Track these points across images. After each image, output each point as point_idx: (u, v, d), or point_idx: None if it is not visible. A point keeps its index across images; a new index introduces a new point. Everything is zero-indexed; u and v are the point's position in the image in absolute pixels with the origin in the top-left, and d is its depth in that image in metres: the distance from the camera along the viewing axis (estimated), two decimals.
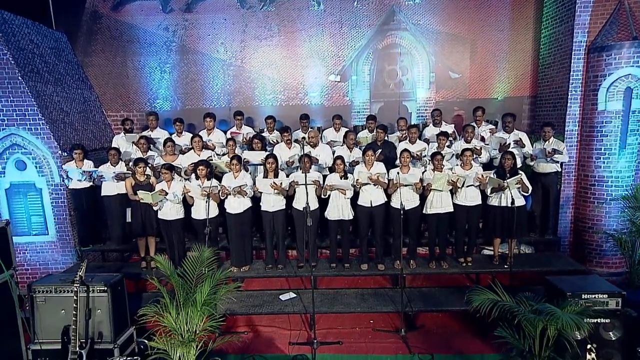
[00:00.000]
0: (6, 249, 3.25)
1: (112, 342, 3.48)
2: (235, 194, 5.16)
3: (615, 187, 5.65)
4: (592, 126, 5.76)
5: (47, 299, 3.52)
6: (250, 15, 6.99)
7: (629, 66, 5.37)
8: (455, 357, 4.22)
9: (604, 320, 3.39)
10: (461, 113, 7.02)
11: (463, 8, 6.81)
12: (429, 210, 5.26)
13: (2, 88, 5.48)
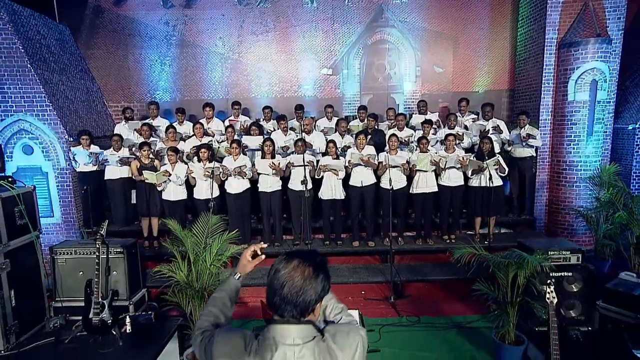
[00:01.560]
0: (32, 212, 3.55)
1: (127, 300, 3.80)
2: (235, 175, 5.52)
3: (584, 170, 6.17)
4: (562, 115, 6.28)
5: (67, 260, 3.83)
6: (247, 12, 7.40)
7: (594, 60, 5.92)
8: (440, 319, 4.62)
9: (567, 274, 3.85)
10: (446, 105, 7.51)
11: (446, 7, 7.34)
12: (415, 190, 5.69)
13: (12, 75, 5.75)
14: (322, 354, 1.23)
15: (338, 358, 1.24)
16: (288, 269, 1.26)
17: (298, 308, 1.23)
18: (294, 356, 1.21)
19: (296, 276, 1.24)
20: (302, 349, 1.22)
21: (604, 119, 6.17)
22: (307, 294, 1.23)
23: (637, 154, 6.21)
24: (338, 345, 1.25)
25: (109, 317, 3.38)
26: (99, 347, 3.26)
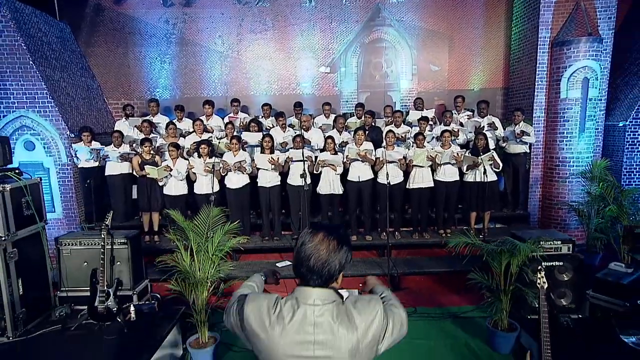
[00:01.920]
0: (39, 204, 3.63)
1: (131, 289, 3.89)
2: (235, 170, 5.62)
3: (576, 166, 6.32)
4: (555, 112, 6.43)
5: (72, 251, 3.91)
6: (246, 11, 7.50)
7: (586, 59, 6.07)
8: (436, 309, 4.73)
9: (558, 263, 3.98)
10: (442, 102, 7.64)
11: (442, 6, 7.47)
12: (411, 185, 5.82)
13: (14, 72, 5.82)
14: (340, 316, 1.33)
15: (355, 321, 1.33)
16: (314, 242, 1.36)
17: (323, 277, 1.35)
18: (313, 314, 1.32)
19: (322, 249, 1.35)
20: (322, 309, 1.32)
21: (596, 116, 6.32)
22: (332, 265, 1.35)
23: (627, 150, 6.36)
24: (357, 310, 1.35)
25: (114, 305, 3.48)
26: (105, 334, 3.35)
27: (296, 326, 1.32)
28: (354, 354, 1.32)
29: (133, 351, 3.16)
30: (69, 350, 3.15)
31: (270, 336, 1.33)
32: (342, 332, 1.31)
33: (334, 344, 1.31)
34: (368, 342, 1.35)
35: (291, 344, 1.31)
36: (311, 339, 1.31)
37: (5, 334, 3.28)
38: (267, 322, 1.34)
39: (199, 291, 3.63)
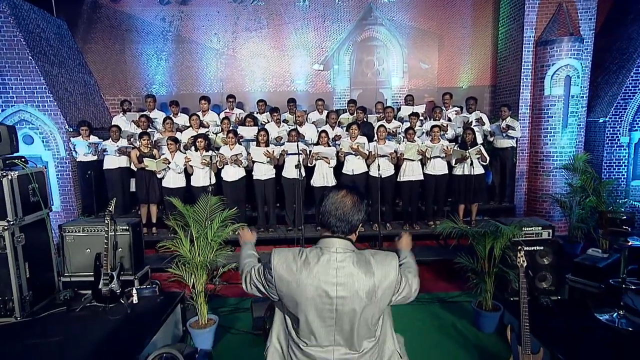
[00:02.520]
0: (44, 191, 3.77)
1: (133, 274, 4.04)
2: (231, 163, 5.79)
3: (560, 160, 6.59)
4: (540, 109, 6.70)
5: (75, 238, 4.05)
6: (242, 9, 7.68)
7: (568, 57, 6.34)
8: (425, 295, 4.93)
9: (538, 248, 4.21)
10: (432, 99, 7.88)
11: (432, 6, 7.72)
12: (402, 178, 6.03)
13: (13, 67, 5.93)
14: (360, 263, 1.53)
15: (373, 269, 1.53)
16: (339, 196, 1.57)
17: (349, 225, 1.55)
18: (336, 260, 1.52)
19: (347, 201, 1.55)
20: (344, 256, 1.53)
21: (578, 112, 6.60)
22: (356, 216, 1.56)
23: (607, 145, 6.64)
24: (375, 260, 1.56)
25: (118, 287, 3.63)
26: (109, 315, 3.51)
27: (321, 269, 1.52)
28: (370, 296, 1.52)
29: (136, 331, 3.31)
30: (75, 330, 3.30)
31: (297, 279, 1.53)
32: (361, 276, 1.52)
33: (353, 286, 1.51)
34: (384, 289, 1.55)
35: (316, 285, 1.51)
36: (334, 281, 1.51)
37: (13, 315, 3.42)
38: (294, 268, 1.54)
39: (198, 275, 3.80)
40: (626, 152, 6.61)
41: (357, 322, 1.54)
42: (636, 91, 6.43)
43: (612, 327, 3.60)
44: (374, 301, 1.53)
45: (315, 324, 1.55)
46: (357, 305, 1.52)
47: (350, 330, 1.55)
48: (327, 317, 1.54)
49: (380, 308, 1.58)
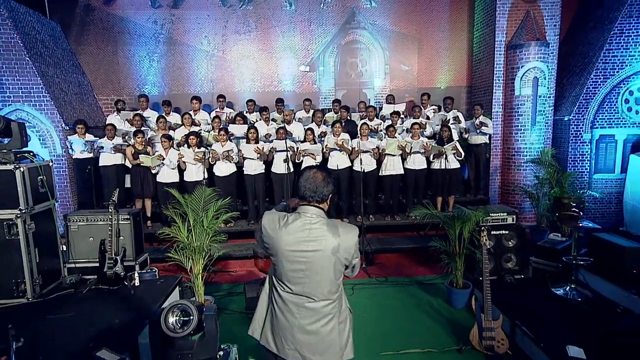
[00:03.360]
0: (50, 183, 4.06)
1: (134, 260, 4.35)
2: (223, 159, 6.13)
3: (529, 155, 7.10)
4: (511, 108, 7.20)
5: (79, 227, 4.34)
6: (231, 13, 8.02)
7: (535, 60, 6.87)
8: (405, 279, 5.37)
9: (504, 232, 4.68)
10: (412, 99, 8.34)
11: (411, 11, 8.19)
12: (384, 172, 6.46)
13: (10, 68, 6.16)
14: (329, 226, 1.95)
15: (340, 236, 1.95)
16: (312, 173, 2.00)
17: (320, 195, 1.97)
18: (310, 223, 1.94)
19: (318, 176, 1.98)
20: (316, 219, 1.95)
21: (545, 111, 7.13)
22: (325, 189, 1.98)
23: (571, 141, 7.18)
24: (341, 227, 1.99)
25: (122, 270, 3.96)
26: (114, 296, 3.82)
27: (297, 228, 1.93)
28: (335, 252, 1.94)
29: (140, 309, 3.63)
30: (84, 308, 3.61)
31: (278, 234, 1.94)
32: (329, 236, 1.93)
33: (321, 242, 1.93)
34: (344, 250, 1.97)
35: (293, 240, 1.93)
36: (307, 238, 1.93)
37: (25, 296, 3.71)
38: (277, 226, 1.96)
39: (196, 258, 4.15)
40: (588, 148, 7.16)
41: (323, 275, 1.95)
42: (596, 92, 6.99)
43: (564, 299, 4.09)
44: (337, 256, 1.95)
45: (290, 273, 1.96)
46: (324, 260, 1.93)
47: (318, 282, 1.96)
48: (299, 269, 1.95)
49: (341, 264, 1.99)
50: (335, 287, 2.02)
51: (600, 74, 6.93)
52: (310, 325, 1.98)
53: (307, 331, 1.98)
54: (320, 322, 1.99)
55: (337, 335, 2.03)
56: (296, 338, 1.99)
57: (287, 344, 2.01)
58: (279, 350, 2.06)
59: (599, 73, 6.94)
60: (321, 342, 2.00)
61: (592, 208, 7.24)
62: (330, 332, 2.02)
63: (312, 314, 1.98)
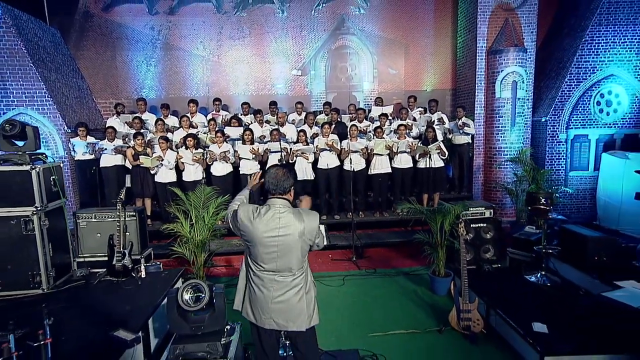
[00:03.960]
0: (61, 183, 4.35)
1: (139, 254, 4.66)
2: (220, 159, 6.46)
3: (509, 155, 7.53)
4: (492, 109, 7.64)
5: (87, 223, 4.65)
6: (226, 19, 8.35)
7: (514, 65, 7.31)
8: (392, 270, 5.75)
9: (482, 225, 5.09)
10: (399, 102, 8.74)
11: (398, 18, 8.60)
12: (372, 171, 6.83)
13: (14, 73, 6.41)
14: (295, 214, 2.33)
15: (303, 218, 2.33)
16: (273, 170, 2.41)
17: (282, 188, 2.35)
18: (279, 212, 2.31)
19: (280, 173, 2.37)
20: (284, 209, 2.33)
21: (524, 112, 7.58)
22: (286, 182, 2.36)
23: (548, 141, 7.64)
24: (305, 214, 2.37)
25: (130, 263, 4.27)
26: (124, 286, 4.14)
27: (269, 218, 2.31)
28: (301, 235, 2.33)
29: (148, 297, 3.95)
30: (96, 298, 3.92)
31: (254, 224, 2.31)
32: (295, 222, 2.32)
33: (290, 228, 2.31)
34: (309, 232, 2.37)
35: (265, 228, 2.30)
36: (277, 225, 2.31)
37: (41, 287, 4.00)
38: (252, 217, 2.32)
39: (198, 251, 4.48)
40: (564, 147, 7.62)
41: (292, 254, 2.34)
42: (571, 95, 7.46)
43: (535, 284, 4.49)
44: (303, 239, 2.34)
45: (263, 255, 2.34)
46: (292, 242, 2.32)
47: (287, 260, 2.34)
48: (272, 251, 2.33)
49: (306, 244, 2.38)
50: (301, 263, 2.42)
51: (574, 78, 7.41)
52: (281, 296, 2.37)
53: (279, 301, 2.37)
54: (290, 293, 2.38)
55: (305, 304, 2.41)
56: (271, 308, 2.37)
57: (263, 314, 2.40)
58: (257, 320, 2.44)
59: (572, 77, 7.41)
60: (292, 310, 2.39)
61: (569, 203, 7.71)
62: (299, 301, 2.40)
63: (282, 286, 2.37)
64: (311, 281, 2.54)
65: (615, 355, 3.30)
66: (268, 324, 2.41)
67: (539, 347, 3.29)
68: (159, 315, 3.78)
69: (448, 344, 3.89)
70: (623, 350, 3.26)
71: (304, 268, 2.46)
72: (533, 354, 3.36)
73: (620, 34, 7.23)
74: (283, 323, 2.40)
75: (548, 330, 3.53)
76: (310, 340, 2.55)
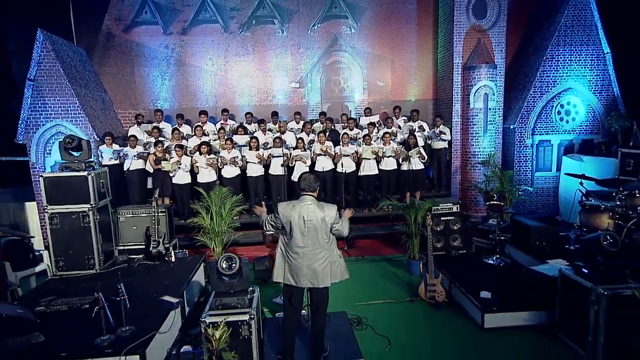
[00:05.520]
0: (106, 185, 5.39)
1: (169, 243, 5.70)
2: (230, 164, 7.49)
3: (482, 158, 8.59)
4: (467, 118, 8.69)
5: (126, 218, 5.68)
6: (232, 38, 9.38)
7: (486, 80, 8.36)
8: (377, 257, 6.80)
9: (451, 217, 6.15)
10: (386, 110, 9.79)
11: (385, 36, 9.66)
12: (361, 173, 7.88)
13: (52, 90, 7.41)
14: (318, 206, 3.37)
15: (324, 209, 3.37)
16: (308, 174, 3.46)
17: (313, 187, 3.40)
18: (307, 204, 3.34)
19: (311, 177, 3.42)
20: (311, 201, 3.36)
21: (495, 120, 8.64)
22: (315, 184, 3.42)
23: (517, 146, 8.71)
24: (326, 206, 3.41)
25: (163, 249, 5.31)
26: (159, 268, 5.17)
27: (300, 207, 3.34)
28: (322, 219, 3.35)
29: (179, 276, 4.99)
30: (138, 276, 4.95)
31: (289, 213, 3.34)
32: (318, 210, 3.35)
33: (315, 214, 3.34)
34: (329, 218, 3.38)
35: (297, 216, 3.32)
36: (306, 214, 3.33)
37: (94, 268, 5.04)
38: (288, 208, 3.36)
39: (217, 240, 5.52)
40: (530, 151, 8.70)
41: (318, 233, 3.35)
42: (535, 105, 8.53)
43: (491, 265, 5.55)
44: (325, 222, 3.37)
45: (298, 235, 3.36)
46: (318, 224, 3.34)
47: (315, 237, 3.36)
48: (304, 231, 3.35)
49: (328, 226, 3.40)
50: (325, 241, 3.42)
51: (538, 90, 8.48)
52: (312, 264, 3.39)
53: (311, 268, 3.40)
54: (318, 262, 3.40)
55: (329, 270, 3.44)
56: (305, 272, 3.40)
57: (301, 277, 3.41)
58: (297, 283, 3.44)
59: (536, 90, 8.48)
60: (320, 273, 3.41)
61: (535, 200, 8.79)
62: (324, 268, 3.42)
63: (312, 256, 3.39)
64: (337, 254, 3.52)
65: (534, 311, 4.38)
66: (304, 284, 3.43)
67: (481, 307, 4.36)
68: (189, 289, 4.82)
69: (417, 310, 4.94)
70: (541, 307, 4.35)
71: (329, 244, 3.46)
72: (478, 313, 4.43)
73: (576, 53, 8.32)
74: (315, 282, 3.41)
75: (491, 296, 4.60)
76: (325, 293, 3.57)
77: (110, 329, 3.48)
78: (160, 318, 3.85)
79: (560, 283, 4.25)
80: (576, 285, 4.03)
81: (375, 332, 4.45)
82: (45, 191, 4.95)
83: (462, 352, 4.10)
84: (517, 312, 4.37)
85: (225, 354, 3.20)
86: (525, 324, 4.40)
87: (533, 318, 4.42)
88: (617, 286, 3.78)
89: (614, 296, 3.71)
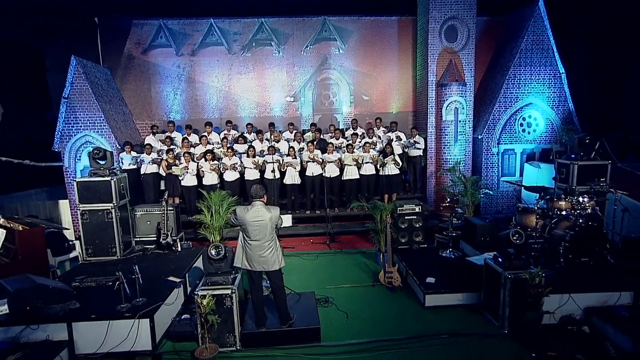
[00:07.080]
0: (126, 187, 6.68)
1: (176, 235, 6.96)
2: (231, 169, 8.75)
3: (451, 164, 9.66)
4: (440, 129, 9.78)
5: (141, 215, 6.97)
6: (235, 58, 10.67)
7: (456, 95, 9.44)
8: (354, 250, 7.94)
9: (414, 217, 7.27)
10: (370, 121, 10.94)
11: (369, 56, 10.83)
12: (344, 177, 9.05)
13: (82, 106, 8.77)
14: (267, 209, 4.54)
15: (271, 210, 4.55)
16: (255, 186, 4.65)
17: (259, 194, 4.57)
18: (257, 207, 4.52)
19: (258, 187, 4.60)
20: (261, 205, 4.53)
21: (465, 131, 9.71)
22: (261, 192, 4.58)
23: (484, 154, 9.76)
24: (272, 209, 4.59)
25: (171, 241, 6.58)
26: (168, 255, 6.44)
27: (253, 211, 4.51)
28: (270, 220, 4.52)
29: (184, 263, 6.23)
30: (150, 261, 6.21)
31: (245, 216, 4.51)
32: (267, 212, 4.52)
33: (264, 216, 4.50)
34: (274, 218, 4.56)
35: (251, 217, 4.49)
36: (257, 215, 4.50)
37: (116, 255, 6.33)
38: (244, 211, 4.53)
39: (215, 234, 6.76)
40: (496, 159, 9.75)
41: (266, 230, 4.51)
42: (500, 118, 9.57)
43: (444, 257, 6.64)
44: (271, 222, 4.51)
45: (252, 232, 4.50)
46: (266, 223, 4.49)
47: (264, 233, 4.51)
48: (256, 228, 4.50)
49: (273, 224, 4.54)
50: (272, 235, 4.55)
51: (502, 105, 9.53)
52: (262, 253, 4.52)
53: (261, 255, 4.53)
54: (267, 251, 4.54)
55: (276, 256, 4.58)
56: (257, 259, 4.54)
57: (254, 263, 4.55)
58: (251, 268, 4.59)
59: (501, 104, 9.53)
60: (269, 260, 4.55)
61: (501, 202, 9.83)
62: (272, 256, 4.56)
63: (261, 248, 4.52)
64: (279, 245, 4.69)
65: (467, 293, 5.45)
66: (258, 268, 4.56)
67: (423, 289, 5.48)
68: (191, 273, 6.07)
69: (376, 293, 6.06)
70: (472, 290, 5.42)
71: (274, 237, 4.62)
72: (421, 294, 5.52)
73: (535, 72, 9.34)
74: (265, 267, 4.57)
75: (435, 281, 5.70)
76: (278, 275, 4.71)
77: (128, 299, 4.66)
78: (166, 293, 5.04)
79: (485, 270, 5.34)
80: (494, 272, 5.11)
81: (337, 308, 5.56)
82: (78, 192, 6.26)
83: (404, 323, 5.13)
84: (453, 294, 5.44)
85: (210, 316, 4.38)
86: (460, 304, 5.43)
87: (466, 299, 5.46)
88: (519, 271, 4.86)
89: (515, 279, 4.79)
